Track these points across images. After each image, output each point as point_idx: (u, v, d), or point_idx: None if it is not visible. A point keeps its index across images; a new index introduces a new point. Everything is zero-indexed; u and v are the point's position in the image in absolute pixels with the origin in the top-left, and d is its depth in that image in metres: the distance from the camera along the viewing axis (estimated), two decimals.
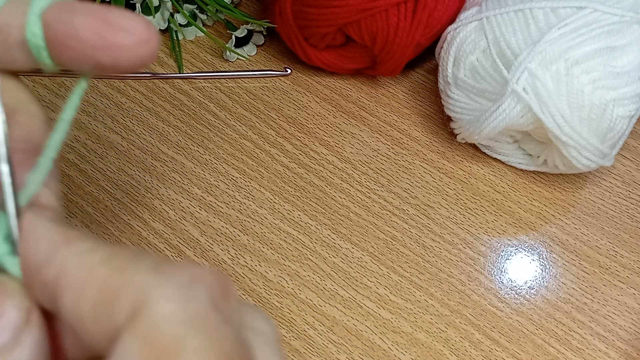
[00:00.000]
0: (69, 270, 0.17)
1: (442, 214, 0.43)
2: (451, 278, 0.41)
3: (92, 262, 0.17)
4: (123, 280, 0.16)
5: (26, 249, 0.18)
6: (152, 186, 0.43)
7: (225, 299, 0.17)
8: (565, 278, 0.41)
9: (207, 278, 0.17)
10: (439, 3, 0.43)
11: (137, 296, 0.16)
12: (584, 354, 0.39)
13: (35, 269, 0.17)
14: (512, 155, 0.45)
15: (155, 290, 0.16)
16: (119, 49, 0.19)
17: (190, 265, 0.17)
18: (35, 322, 0.18)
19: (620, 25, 0.39)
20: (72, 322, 0.17)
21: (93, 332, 0.16)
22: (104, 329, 0.16)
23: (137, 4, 0.48)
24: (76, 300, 0.17)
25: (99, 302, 0.16)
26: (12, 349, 0.17)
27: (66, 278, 0.17)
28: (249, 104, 0.47)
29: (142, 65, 0.20)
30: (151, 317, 0.16)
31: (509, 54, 0.39)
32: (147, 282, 0.16)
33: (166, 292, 0.16)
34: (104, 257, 0.17)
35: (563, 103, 0.38)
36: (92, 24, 0.19)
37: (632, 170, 0.46)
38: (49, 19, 0.20)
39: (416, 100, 0.48)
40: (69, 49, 0.19)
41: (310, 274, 0.41)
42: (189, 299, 0.16)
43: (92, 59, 0.19)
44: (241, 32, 0.48)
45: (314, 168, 0.45)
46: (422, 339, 0.39)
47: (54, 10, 0.20)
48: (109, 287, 0.16)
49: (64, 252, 0.17)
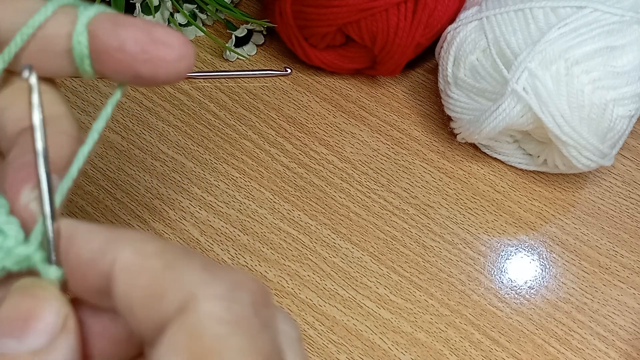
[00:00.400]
0: (124, 259, 0.18)
1: (442, 213, 0.43)
2: (451, 278, 0.41)
3: (145, 253, 0.18)
4: (175, 275, 0.17)
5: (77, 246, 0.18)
6: (152, 186, 0.43)
7: (265, 305, 0.18)
8: (565, 278, 0.41)
9: (250, 284, 0.18)
10: (439, 3, 0.43)
11: (187, 292, 0.17)
12: (584, 354, 0.39)
13: (90, 261, 0.18)
14: (512, 155, 0.45)
15: (204, 289, 0.17)
16: (160, 63, 0.20)
17: (235, 270, 0.18)
18: (71, 328, 0.18)
19: (620, 25, 0.39)
20: (123, 308, 0.18)
21: (142, 320, 0.17)
22: (152, 318, 0.17)
23: (137, 3, 0.48)
24: (129, 288, 0.17)
25: (150, 292, 0.17)
26: (48, 352, 0.18)
27: (121, 266, 0.18)
28: (249, 104, 0.47)
29: (177, 79, 0.21)
30: (198, 313, 0.16)
31: (509, 53, 0.39)
32: (197, 280, 0.17)
33: (214, 292, 0.17)
34: (156, 250, 0.18)
35: (563, 103, 0.38)
36: (136, 37, 0.20)
37: (632, 170, 0.46)
38: (95, 30, 0.20)
39: (416, 100, 0.48)
40: (113, 59, 0.20)
41: (310, 273, 0.41)
42: (234, 301, 0.17)
43: (133, 71, 0.20)
44: (241, 31, 0.48)
45: (314, 168, 0.45)
46: (422, 339, 0.39)
47: (100, 21, 0.20)
48: (161, 279, 0.17)
49: (118, 242, 0.18)
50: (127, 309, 0.18)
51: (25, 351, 0.18)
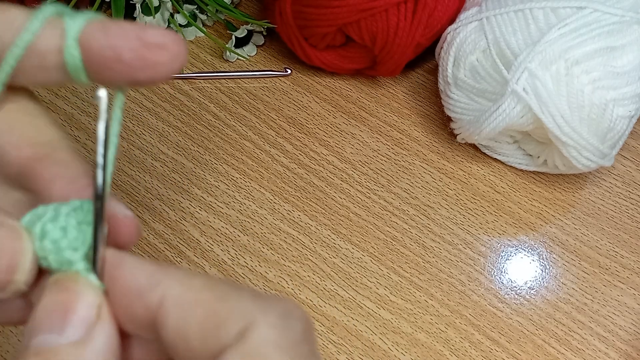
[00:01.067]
0: (174, 295, 0.19)
1: (442, 214, 0.43)
2: (451, 278, 0.41)
3: (194, 288, 0.19)
4: (229, 305, 0.18)
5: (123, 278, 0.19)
6: (152, 186, 0.43)
7: (311, 332, 0.19)
8: (565, 278, 0.41)
9: (298, 313, 0.19)
10: (439, 3, 0.43)
11: (246, 319, 0.18)
12: (584, 354, 0.39)
13: (137, 294, 0.19)
14: (512, 155, 0.45)
15: (260, 316, 0.18)
16: (156, 66, 0.20)
17: (283, 299, 0.20)
18: (106, 317, 0.19)
19: (620, 25, 0.39)
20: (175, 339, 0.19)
21: (198, 349, 0.18)
22: (210, 347, 0.18)
23: (137, 4, 0.48)
24: (183, 321, 0.18)
25: (207, 323, 0.18)
26: (86, 343, 0.19)
27: (173, 301, 0.19)
28: (249, 105, 0.47)
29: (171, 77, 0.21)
30: (257, 339, 0.18)
31: (509, 54, 0.39)
32: (252, 309, 0.18)
33: (269, 319, 0.18)
34: (204, 284, 0.19)
35: (563, 103, 0.38)
36: (131, 45, 0.20)
37: (632, 170, 0.46)
38: (87, 42, 0.20)
39: (416, 101, 0.48)
40: (109, 69, 0.20)
41: (310, 274, 0.41)
42: (287, 328, 0.18)
43: (130, 77, 0.20)
44: (241, 32, 0.48)
45: (314, 168, 0.45)
46: (422, 340, 0.39)
47: (91, 32, 0.20)
48: (217, 310, 0.18)
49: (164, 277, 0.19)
50: (180, 341, 0.19)
51: (66, 344, 0.18)
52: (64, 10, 0.21)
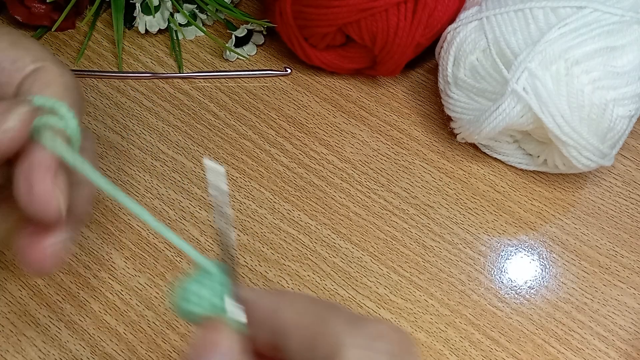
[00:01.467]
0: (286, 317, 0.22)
1: (442, 213, 0.43)
2: (451, 278, 0.41)
3: (299, 310, 0.22)
4: (325, 327, 0.21)
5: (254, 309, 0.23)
6: (152, 186, 0.43)
7: (406, 353, 0.21)
8: (565, 278, 0.41)
9: (391, 335, 0.21)
10: (439, 3, 0.43)
11: (335, 341, 0.20)
12: (584, 354, 0.39)
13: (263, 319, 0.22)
14: (512, 155, 0.45)
15: (348, 339, 0.20)
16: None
17: (379, 321, 0.22)
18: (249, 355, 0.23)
19: (620, 25, 0.39)
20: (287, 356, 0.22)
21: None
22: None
23: (137, 3, 0.48)
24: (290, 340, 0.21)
25: (305, 343, 0.21)
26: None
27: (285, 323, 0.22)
28: (249, 104, 0.47)
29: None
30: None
31: (509, 53, 0.39)
32: (343, 331, 0.21)
33: (356, 342, 0.20)
34: (306, 305, 0.22)
35: (563, 103, 0.38)
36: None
37: (632, 170, 0.46)
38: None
39: (416, 100, 0.48)
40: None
41: (310, 273, 0.41)
42: (372, 350, 0.20)
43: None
44: (241, 31, 0.48)
45: (314, 168, 0.45)
46: (422, 339, 0.39)
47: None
48: (314, 331, 0.21)
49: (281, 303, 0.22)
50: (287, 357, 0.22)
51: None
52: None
